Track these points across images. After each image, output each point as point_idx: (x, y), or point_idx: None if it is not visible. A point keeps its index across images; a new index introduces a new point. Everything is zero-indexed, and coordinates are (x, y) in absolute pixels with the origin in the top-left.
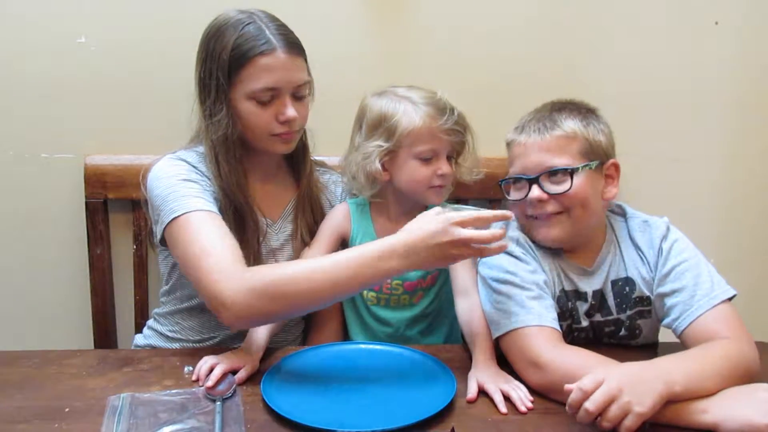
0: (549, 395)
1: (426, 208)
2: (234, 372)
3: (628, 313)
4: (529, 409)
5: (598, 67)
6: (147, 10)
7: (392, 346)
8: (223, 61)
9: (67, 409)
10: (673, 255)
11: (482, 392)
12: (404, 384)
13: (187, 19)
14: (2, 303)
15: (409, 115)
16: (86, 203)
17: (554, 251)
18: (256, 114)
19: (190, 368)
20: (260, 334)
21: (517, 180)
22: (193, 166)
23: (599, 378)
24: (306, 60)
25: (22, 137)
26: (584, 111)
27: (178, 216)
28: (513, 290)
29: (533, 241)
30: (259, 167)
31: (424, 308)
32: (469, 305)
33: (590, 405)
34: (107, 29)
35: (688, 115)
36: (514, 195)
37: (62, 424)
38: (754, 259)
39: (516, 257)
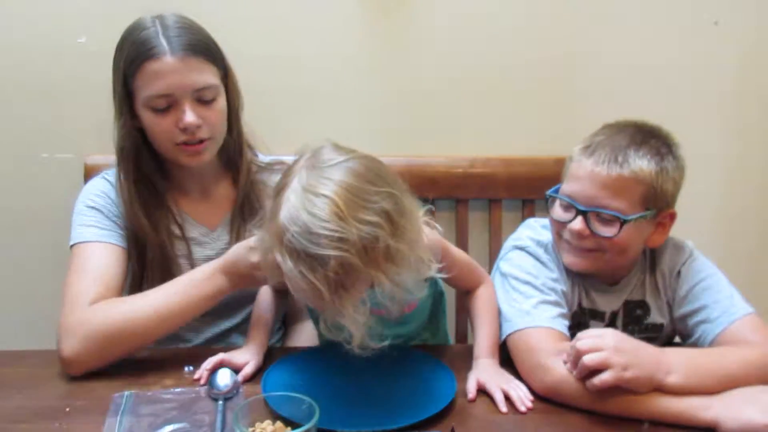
0: (552, 398)
1: None
2: (237, 370)
3: (635, 336)
4: (528, 409)
5: (598, 67)
6: (147, 10)
7: (392, 345)
8: (119, 70)
9: (67, 409)
10: (690, 276)
11: (482, 392)
12: (404, 384)
13: None
14: (2, 303)
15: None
16: None
17: None
18: (156, 123)
19: (190, 368)
20: (261, 332)
21: (565, 201)
22: (105, 192)
23: (597, 332)
24: (215, 62)
25: (22, 137)
26: (663, 151)
27: (72, 245)
28: (531, 291)
29: None
30: (193, 174)
31: (402, 330)
32: (477, 298)
33: (580, 344)
34: (107, 29)
35: (688, 115)
36: (558, 213)
37: (63, 423)
38: (753, 257)
39: (542, 263)
